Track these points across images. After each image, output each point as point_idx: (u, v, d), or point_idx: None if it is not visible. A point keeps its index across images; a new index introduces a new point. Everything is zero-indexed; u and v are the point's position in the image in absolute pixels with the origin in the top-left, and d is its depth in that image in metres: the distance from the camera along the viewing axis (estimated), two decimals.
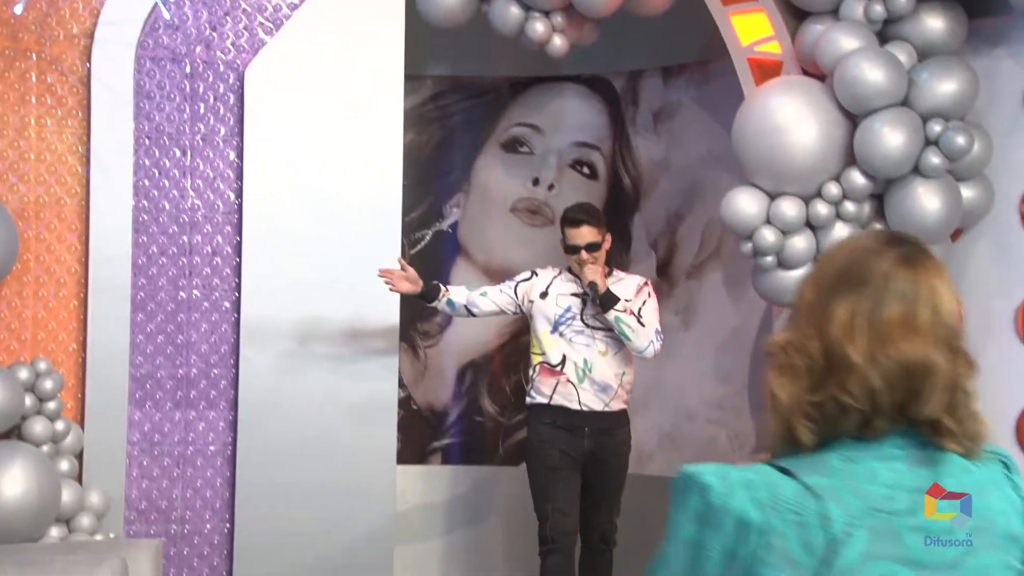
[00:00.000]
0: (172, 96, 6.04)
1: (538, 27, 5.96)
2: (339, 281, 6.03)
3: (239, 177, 6.08)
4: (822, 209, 5.41)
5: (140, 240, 6.00)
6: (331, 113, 6.12)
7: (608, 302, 5.52)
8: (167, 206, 6.04)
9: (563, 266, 5.78)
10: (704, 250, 6.89)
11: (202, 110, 6.08)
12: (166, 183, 6.04)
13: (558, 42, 6.03)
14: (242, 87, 6.06)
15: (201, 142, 6.08)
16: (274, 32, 6.10)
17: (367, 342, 6.12)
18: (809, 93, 5.43)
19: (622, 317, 5.52)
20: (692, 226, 6.87)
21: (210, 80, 6.08)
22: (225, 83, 6.09)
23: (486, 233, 7.17)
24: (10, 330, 5.78)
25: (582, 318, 5.64)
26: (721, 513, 1.62)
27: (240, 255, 6.07)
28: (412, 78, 6.55)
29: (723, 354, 6.70)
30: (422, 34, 6.43)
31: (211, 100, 6.08)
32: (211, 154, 6.08)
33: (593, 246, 5.60)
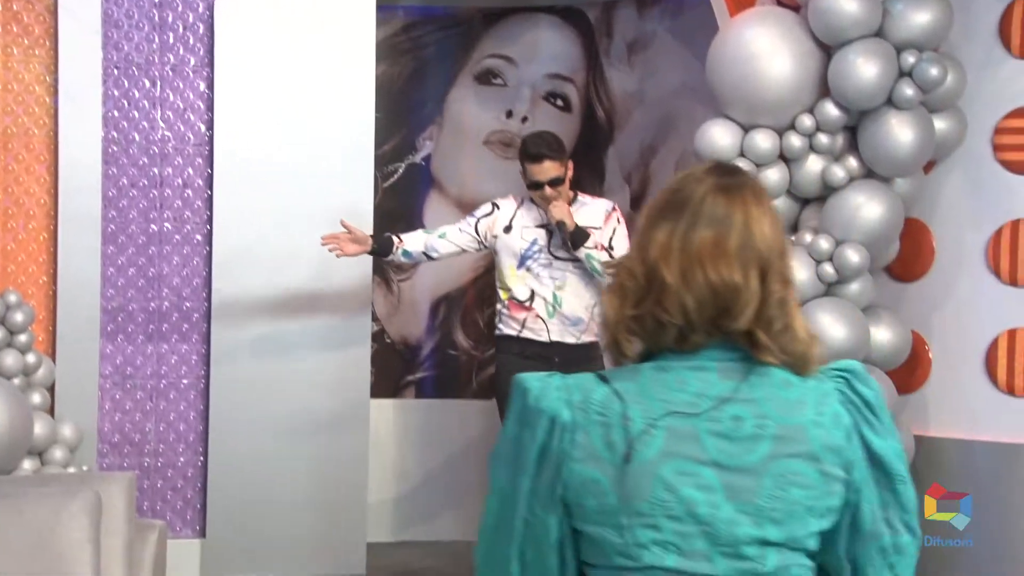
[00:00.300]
0: (141, 25, 5.97)
1: None
2: (311, 214, 6.00)
3: (210, 108, 6.03)
4: (795, 141, 5.40)
5: (110, 172, 5.96)
6: (303, 44, 6.07)
7: (578, 240, 5.34)
8: (137, 137, 5.99)
9: (525, 195, 5.55)
10: None
11: (171, 40, 6.01)
12: (136, 114, 5.99)
13: None
14: (212, 17, 5.99)
15: (171, 72, 6.02)
16: None
17: (340, 275, 6.11)
18: (783, 24, 5.40)
19: (592, 254, 5.35)
20: (666, 158, 6.86)
21: (179, 9, 6.01)
22: (195, 12, 6.02)
23: (459, 166, 7.14)
24: None
25: (549, 250, 5.46)
26: (536, 413, 1.79)
27: (211, 187, 6.04)
28: (384, 9, 6.49)
29: None
30: None
31: (180, 30, 6.02)
32: (181, 85, 6.03)
33: (556, 181, 5.37)
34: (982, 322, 5.48)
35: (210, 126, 6.03)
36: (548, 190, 5.38)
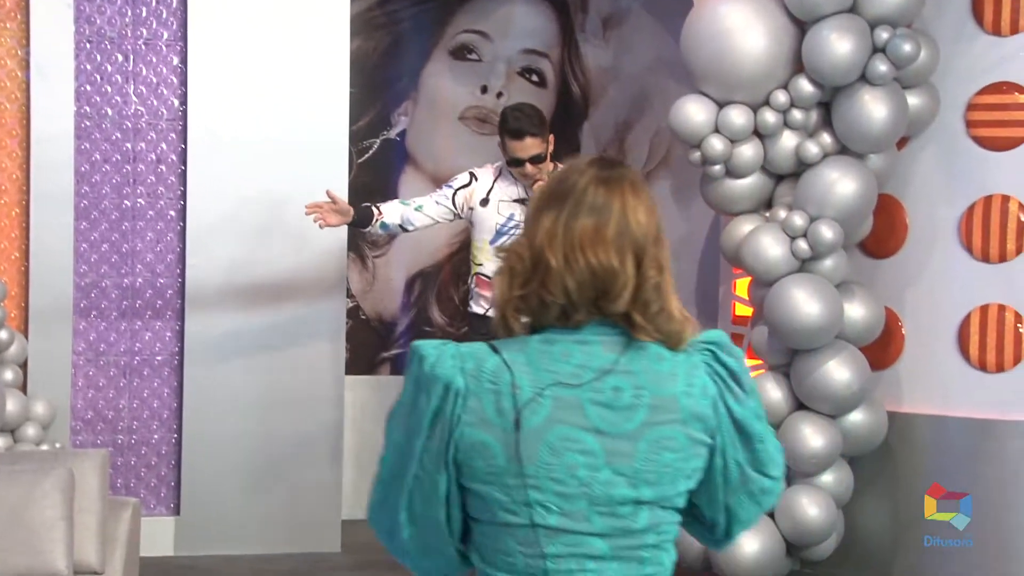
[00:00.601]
0: None
1: None
2: (286, 190, 5.97)
3: (183, 83, 6.00)
4: (770, 117, 5.40)
5: (83, 147, 5.92)
6: (277, 18, 6.03)
7: None
8: (110, 112, 5.96)
9: (502, 164, 5.43)
10: (652, 159, 6.87)
11: (144, 13, 5.97)
12: (108, 89, 5.95)
13: None
14: None
15: (144, 47, 5.98)
16: None
17: (315, 251, 6.09)
18: None
19: None
20: (640, 134, 6.85)
21: None
22: None
23: (434, 141, 7.12)
24: None
25: None
26: (432, 379, 1.93)
27: (185, 163, 6.00)
28: None
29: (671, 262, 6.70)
30: None
31: (153, 3, 5.97)
32: (154, 59, 5.99)
33: (538, 158, 5.26)
34: (955, 298, 5.50)
35: (184, 101, 5.99)
36: (529, 167, 5.26)
